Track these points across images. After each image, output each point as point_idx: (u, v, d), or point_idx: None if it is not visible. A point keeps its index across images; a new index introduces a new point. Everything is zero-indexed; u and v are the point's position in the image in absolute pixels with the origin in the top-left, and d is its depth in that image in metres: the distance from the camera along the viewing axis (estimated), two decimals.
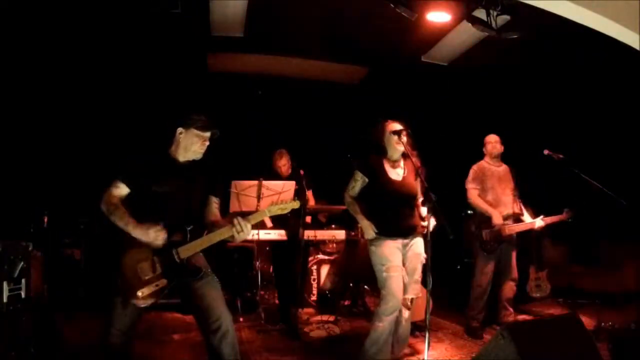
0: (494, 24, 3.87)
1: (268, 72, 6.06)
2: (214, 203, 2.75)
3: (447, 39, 4.99)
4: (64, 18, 4.36)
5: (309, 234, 4.92)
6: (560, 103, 5.80)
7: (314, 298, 5.34)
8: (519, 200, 4.50)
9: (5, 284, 2.73)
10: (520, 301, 4.84)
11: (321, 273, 5.39)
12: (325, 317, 4.71)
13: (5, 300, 2.74)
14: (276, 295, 5.19)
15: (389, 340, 3.29)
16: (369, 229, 3.31)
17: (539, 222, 4.36)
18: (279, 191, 4.53)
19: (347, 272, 5.16)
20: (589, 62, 4.89)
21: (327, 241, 5.47)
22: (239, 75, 6.07)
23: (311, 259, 5.39)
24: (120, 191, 2.57)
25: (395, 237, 3.33)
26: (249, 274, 5.26)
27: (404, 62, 5.62)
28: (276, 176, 4.95)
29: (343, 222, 5.36)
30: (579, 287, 5.49)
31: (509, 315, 4.42)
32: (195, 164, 2.71)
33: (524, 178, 4.60)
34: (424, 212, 3.37)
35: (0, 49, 4.51)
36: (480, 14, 3.95)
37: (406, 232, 3.36)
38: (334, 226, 5.37)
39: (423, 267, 3.37)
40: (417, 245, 3.40)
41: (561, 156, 4.24)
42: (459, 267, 5.68)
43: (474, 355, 3.18)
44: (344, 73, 6.18)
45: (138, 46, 5.06)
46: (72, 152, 5.60)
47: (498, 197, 4.42)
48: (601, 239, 5.63)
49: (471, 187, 4.48)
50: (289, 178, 4.86)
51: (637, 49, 3.42)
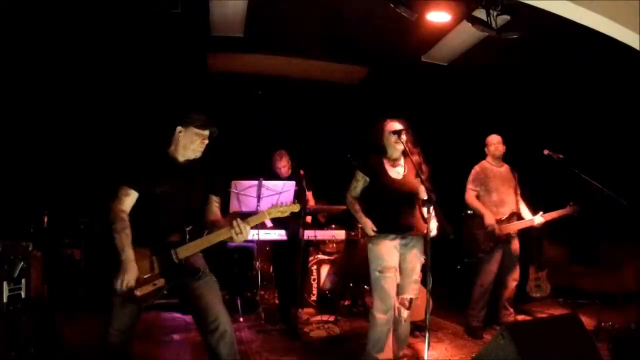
0: (494, 24, 3.87)
1: (268, 72, 6.06)
2: (215, 202, 2.74)
3: (447, 39, 4.99)
4: (64, 18, 4.36)
5: (309, 234, 4.92)
6: (560, 103, 5.80)
7: (314, 298, 5.33)
8: (521, 200, 4.49)
9: (5, 284, 2.73)
10: (520, 301, 4.84)
11: (321, 273, 5.39)
12: (325, 317, 4.71)
13: (5, 300, 2.74)
14: (276, 295, 5.19)
15: (389, 339, 3.29)
16: (368, 227, 3.31)
17: (538, 218, 4.34)
18: (279, 191, 4.54)
19: (347, 272, 5.16)
20: (589, 62, 4.89)
21: (327, 241, 5.48)
22: (239, 75, 6.06)
23: (311, 259, 5.39)
24: (131, 199, 2.50)
25: (394, 236, 3.32)
26: (249, 274, 5.26)
27: (404, 62, 5.62)
28: (276, 177, 4.95)
29: (343, 222, 5.36)
30: (579, 287, 5.49)
31: (509, 315, 4.42)
32: (195, 164, 2.69)
33: (524, 178, 4.60)
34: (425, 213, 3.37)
35: (0, 49, 4.52)
36: (480, 14, 3.95)
37: (405, 230, 3.35)
38: (334, 226, 5.37)
39: (423, 267, 3.36)
40: (416, 246, 3.40)
41: (561, 156, 4.24)
42: (459, 267, 5.67)
43: (474, 355, 3.18)
44: (344, 73, 6.18)
45: (138, 46, 5.06)
46: (72, 152, 5.60)
47: (502, 198, 4.42)
48: (601, 239, 5.63)
49: (469, 188, 4.48)
50: (289, 178, 4.86)
51: (637, 49, 3.42)
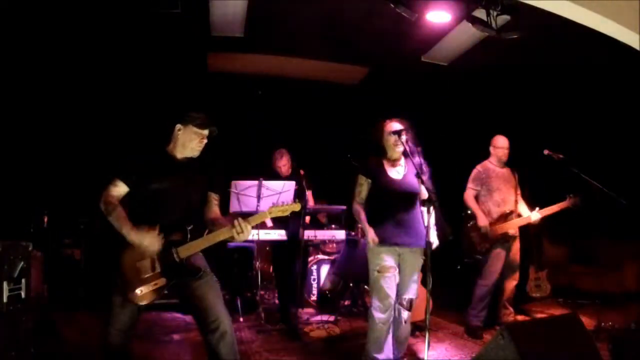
0: (494, 24, 3.86)
1: (268, 72, 6.05)
2: (214, 200, 2.73)
3: (447, 39, 4.99)
4: (64, 18, 4.36)
5: (309, 234, 4.92)
6: (560, 103, 5.80)
7: (314, 298, 5.33)
8: (521, 199, 4.49)
9: (5, 284, 2.73)
10: (520, 301, 4.85)
11: (321, 273, 5.39)
12: (325, 317, 4.71)
13: (5, 300, 2.74)
14: (276, 295, 5.19)
15: (389, 339, 3.28)
16: (370, 239, 3.25)
17: (534, 215, 4.32)
18: (279, 191, 4.53)
19: (347, 272, 5.16)
20: (589, 62, 4.89)
21: (327, 241, 5.48)
22: (239, 75, 6.06)
23: (311, 259, 5.39)
24: (119, 190, 2.56)
25: (394, 246, 3.28)
26: (249, 274, 5.26)
27: (404, 62, 5.61)
28: (276, 176, 4.94)
29: (343, 222, 5.36)
30: (579, 287, 5.50)
31: (509, 315, 4.42)
32: (194, 162, 2.70)
33: (524, 178, 4.60)
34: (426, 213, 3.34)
35: (0, 49, 4.52)
36: (480, 14, 3.94)
37: (406, 245, 3.28)
38: (334, 226, 5.36)
39: (423, 267, 3.35)
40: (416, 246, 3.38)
41: (561, 156, 4.24)
42: (459, 267, 5.67)
43: (474, 355, 3.18)
44: (344, 73, 6.18)
45: (138, 46, 5.06)
46: (71, 152, 5.60)
47: (504, 197, 4.42)
48: (601, 238, 5.63)
49: (469, 187, 4.49)
50: (289, 178, 4.86)
51: (637, 49, 3.42)
